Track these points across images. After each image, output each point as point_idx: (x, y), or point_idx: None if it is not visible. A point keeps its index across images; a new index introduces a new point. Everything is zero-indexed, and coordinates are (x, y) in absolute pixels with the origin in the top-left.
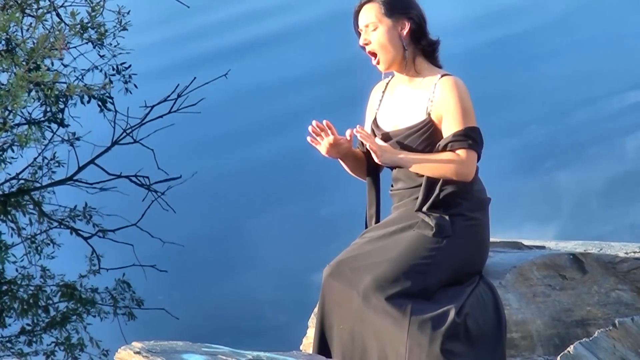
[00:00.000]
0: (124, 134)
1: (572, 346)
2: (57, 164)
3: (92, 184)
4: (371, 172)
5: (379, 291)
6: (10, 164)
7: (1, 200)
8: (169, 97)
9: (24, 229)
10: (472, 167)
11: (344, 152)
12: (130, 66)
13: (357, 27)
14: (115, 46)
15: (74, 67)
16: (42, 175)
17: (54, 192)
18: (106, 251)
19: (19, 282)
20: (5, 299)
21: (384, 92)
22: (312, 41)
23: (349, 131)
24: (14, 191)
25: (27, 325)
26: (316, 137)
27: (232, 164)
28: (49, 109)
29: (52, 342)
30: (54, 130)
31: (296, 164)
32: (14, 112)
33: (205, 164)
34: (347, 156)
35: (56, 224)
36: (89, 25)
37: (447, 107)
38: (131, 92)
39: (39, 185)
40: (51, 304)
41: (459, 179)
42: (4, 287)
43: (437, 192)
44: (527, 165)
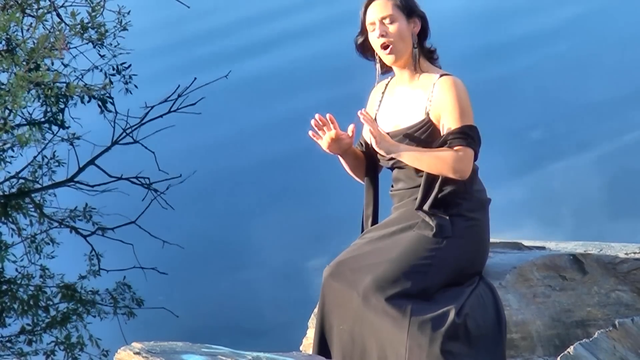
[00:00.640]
0: (124, 134)
1: (572, 347)
2: (57, 164)
3: (92, 186)
4: (370, 172)
5: (379, 292)
6: (10, 163)
7: (1, 202)
8: (169, 98)
9: (24, 229)
10: (468, 164)
11: (344, 148)
12: (130, 66)
13: (367, 20)
14: (115, 46)
15: (74, 67)
16: (42, 174)
17: (55, 195)
18: (106, 251)
19: (19, 281)
20: (5, 298)
21: (384, 92)
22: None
23: (351, 126)
24: (14, 192)
25: (27, 325)
26: (318, 131)
27: (232, 164)
28: (49, 109)
29: (52, 342)
30: (54, 131)
31: (296, 164)
32: (14, 112)
33: (205, 165)
34: (347, 153)
35: (56, 224)
36: (89, 25)
37: (445, 106)
38: (131, 92)
39: (39, 185)
40: (51, 304)
41: (455, 175)
42: (4, 287)
43: (436, 190)
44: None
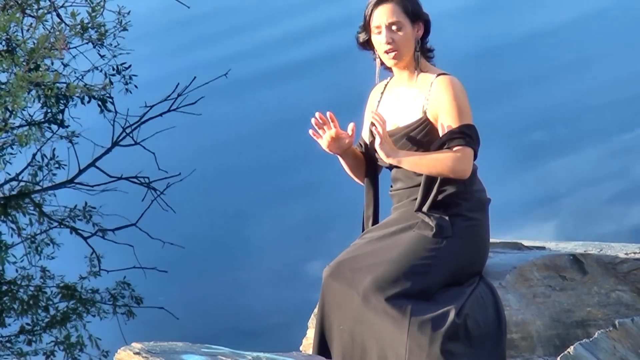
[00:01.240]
0: (124, 133)
1: (572, 347)
2: (57, 165)
3: (92, 186)
4: (369, 173)
5: (379, 292)
6: (10, 163)
7: (1, 203)
8: (169, 97)
9: (24, 229)
10: (468, 164)
11: (344, 147)
12: (130, 66)
13: (372, 22)
14: (115, 46)
15: (74, 67)
16: (43, 177)
17: (55, 195)
18: (106, 252)
19: (19, 282)
20: (5, 299)
21: (383, 92)
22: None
23: (351, 125)
24: (14, 194)
25: (27, 324)
26: (318, 130)
27: (232, 164)
28: (49, 110)
29: (52, 342)
30: (54, 130)
31: (296, 165)
32: (14, 112)
33: (204, 164)
34: (346, 153)
35: (56, 224)
36: (89, 25)
37: (443, 105)
38: (131, 92)
39: (39, 187)
40: (51, 304)
41: (456, 176)
42: (4, 288)
43: (435, 191)
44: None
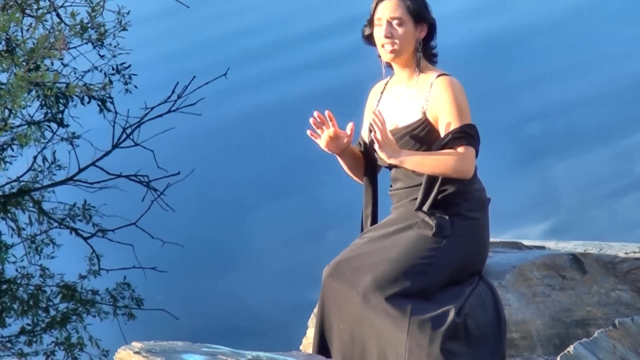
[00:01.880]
0: (123, 134)
1: (572, 346)
2: (57, 167)
3: (92, 184)
4: (368, 172)
5: (379, 291)
6: (10, 163)
7: (1, 201)
8: (169, 98)
9: (24, 229)
10: (471, 163)
11: (342, 147)
12: (130, 66)
13: (376, 14)
14: (115, 46)
15: (74, 67)
16: (43, 178)
17: (54, 192)
18: (106, 252)
19: (19, 281)
20: (5, 299)
21: (382, 92)
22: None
23: (350, 125)
24: (14, 192)
25: (27, 325)
26: (316, 129)
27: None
28: (49, 110)
29: (52, 342)
30: (54, 130)
31: (296, 165)
32: (14, 112)
33: (204, 164)
34: (345, 153)
35: (56, 224)
36: (89, 25)
37: (443, 106)
38: (131, 92)
39: (39, 185)
40: (51, 304)
41: (459, 176)
42: (4, 287)
43: (436, 191)
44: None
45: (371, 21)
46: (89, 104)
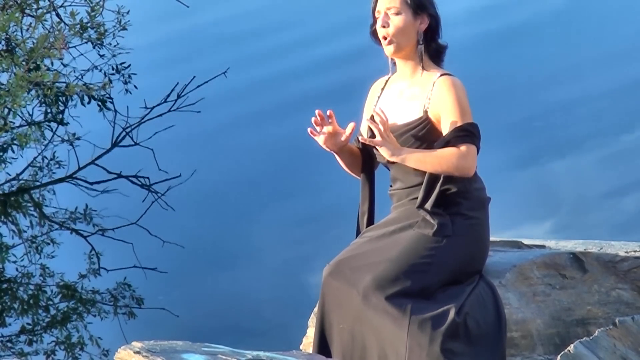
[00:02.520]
0: (123, 134)
1: (572, 345)
2: (57, 165)
3: (92, 184)
4: (366, 169)
5: (379, 290)
6: (10, 164)
7: (1, 200)
8: (169, 97)
9: (25, 231)
10: (473, 161)
11: (340, 145)
12: (129, 66)
13: (375, 7)
14: (114, 46)
15: (74, 67)
16: (43, 176)
17: (54, 192)
18: (106, 252)
19: (19, 280)
20: (5, 298)
21: (383, 88)
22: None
23: (352, 124)
24: (14, 190)
25: (28, 324)
26: (317, 127)
27: (232, 164)
28: (49, 110)
29: (53, 342)
30: (54, 129)
31: (296, 165)
32: (13, 112)
33: (204, 164)
34: (343, 151)
35: (57, 226)
36: (89, 25)
37: (445, 105)
38: (131, 93)
39: (39, 183)
40: (52, 304)
41: (461, 173)
42: (4, 286)
43: (437, 190)
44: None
45: (373, 16)
46: (89, 104)
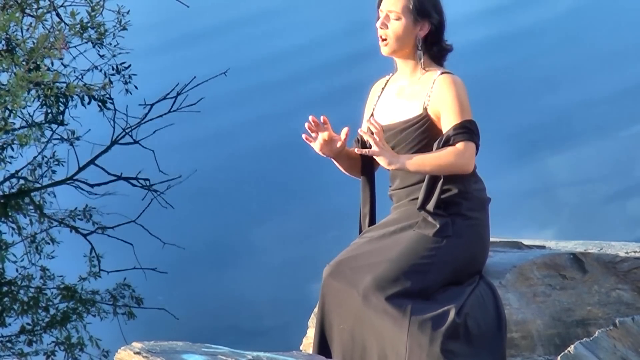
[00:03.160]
0: (124, 133)
1: (572, 346)
2: (56, 163)
3: (92, 185)
4: (365, 171)
5: (379, 291)
6: (10, 163)
7: (1, 202)
8: (168, 95)
9: (24, 228)
10: (471, 157)
11: (336, 151)
12: (130, 66)
13: (380, 5)
14: (115, 46)
15: (74, 67)
16: (42, 174)
17: (54, 194)
18: (106, 252)
19: (19, 282)
20: (5, 300)
21: (384, 88)
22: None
23: (345, 129)
24: (14, 192)
25: (27, 324)
26: (311, 133)
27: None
28: (49, 110)
29: (52, 342)
30: (54, 129)
31: (295, 165)
32: (14, 112)
33: (204, 164)
34: (340, 156)
35: (56, 223)
36: (89, 25)
37: (445, 102)
38: (131, 93)
39: (39, 185)
40: (51, 304)
41: (460, 170)
42: (4, 288)
43: (439, 190)
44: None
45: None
46: (89, 104)
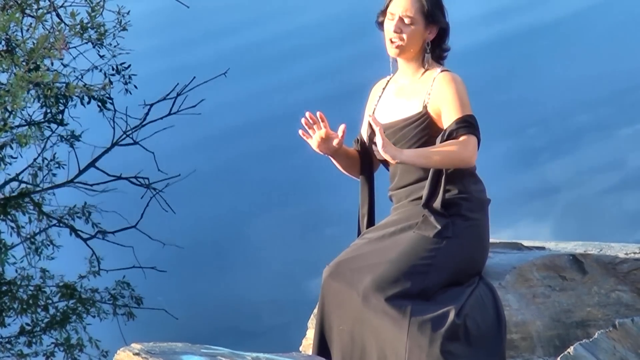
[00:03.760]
0: (124, 135)
1: (572, 347)
2: (57, 165)
3: (92, 186)
4: (365, 170)
5: (379, 292)
6: (9, 164)
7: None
8: (168, 96)
9: (24, 227)
10: (473, 150)
11: (334, 149)
12: (130, 66)
13: (389, 6)
14: (115, 46)
15: (74, 67)
16: (43, 177)
17: (54, 194)
18: (106, 252)
19: (19, 282)
20: (5, 299)
21: (384, 88)
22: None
23: (342, 126)
24: (14, 195)
25: (27, 325)
26: (308, 130)
27: (232, 164)
28: (49, 111)
29: (52, 343)
30: (54, 129)
31: (295, 165)
32: (14, 112)
33: (204, 164)
34: (338, 154)
35: (55, 221)
36: (89, 25)
37: (445, 99)
38: (131, 93)
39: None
40: (51, 303)
41: (463, 164)
42: (4, 288)
43: (442, 188)
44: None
45: (384, 11)
46: (89, 104)
